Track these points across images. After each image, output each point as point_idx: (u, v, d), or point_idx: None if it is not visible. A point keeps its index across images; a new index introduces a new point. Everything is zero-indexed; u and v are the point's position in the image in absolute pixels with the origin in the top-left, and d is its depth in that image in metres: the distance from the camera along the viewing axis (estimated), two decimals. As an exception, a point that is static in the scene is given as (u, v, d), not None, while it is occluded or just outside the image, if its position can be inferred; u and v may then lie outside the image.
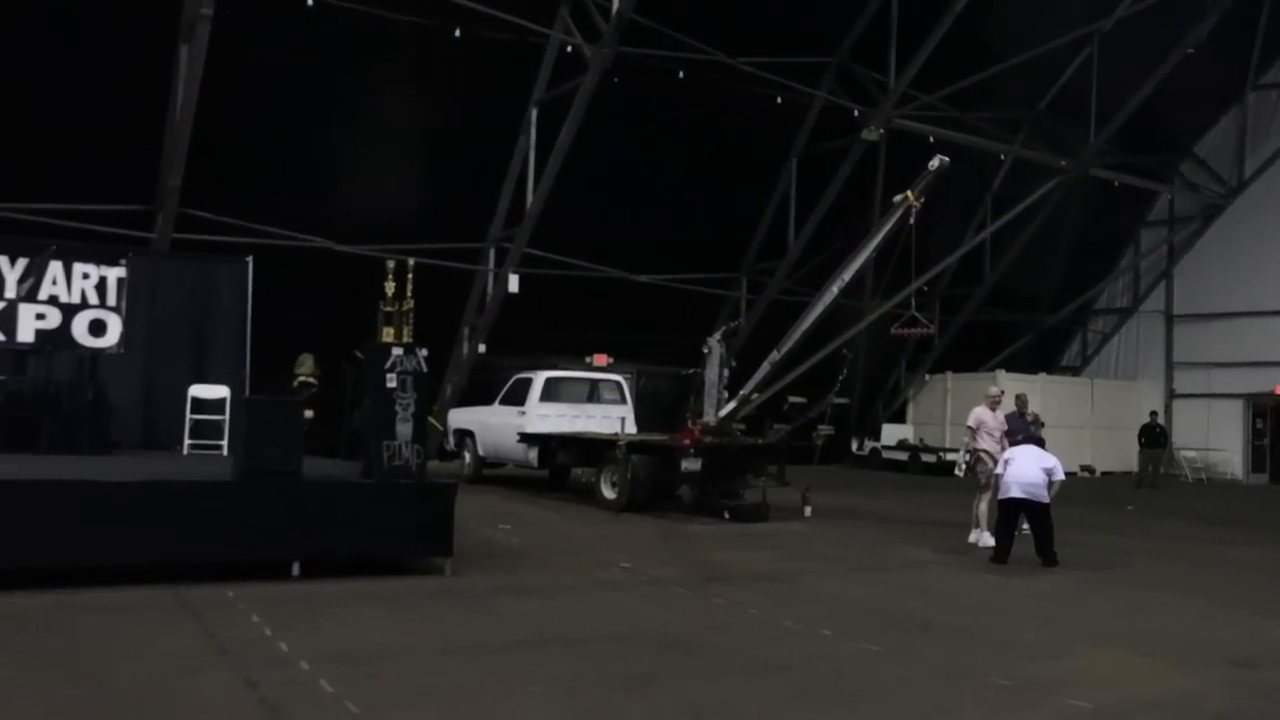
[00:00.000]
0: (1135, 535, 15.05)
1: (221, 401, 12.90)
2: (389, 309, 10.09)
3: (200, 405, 12.92)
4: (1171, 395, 30.41)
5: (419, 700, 5.81)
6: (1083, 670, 7.00)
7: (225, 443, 12.37)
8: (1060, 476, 11.54)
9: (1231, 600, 9.89)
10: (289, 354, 15.37)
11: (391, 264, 10.26)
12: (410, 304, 10.14)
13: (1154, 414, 26.81)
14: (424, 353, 9.69)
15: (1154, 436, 25.63)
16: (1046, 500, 11.42)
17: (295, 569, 8.83)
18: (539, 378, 18.00)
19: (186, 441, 12.72)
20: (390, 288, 10.18)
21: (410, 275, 10.27)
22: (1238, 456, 29.12)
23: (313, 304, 17.03)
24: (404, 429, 9.47)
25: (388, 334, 9.92)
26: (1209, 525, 17.02)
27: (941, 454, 25.80)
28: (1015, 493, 11.40)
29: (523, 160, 20.19)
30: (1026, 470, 11.43)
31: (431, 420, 16.28)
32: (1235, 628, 8.57)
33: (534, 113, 20.00)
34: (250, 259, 14.48)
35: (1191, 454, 28.99)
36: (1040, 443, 12.29)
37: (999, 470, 11.80)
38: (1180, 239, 30.63)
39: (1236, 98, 28.58)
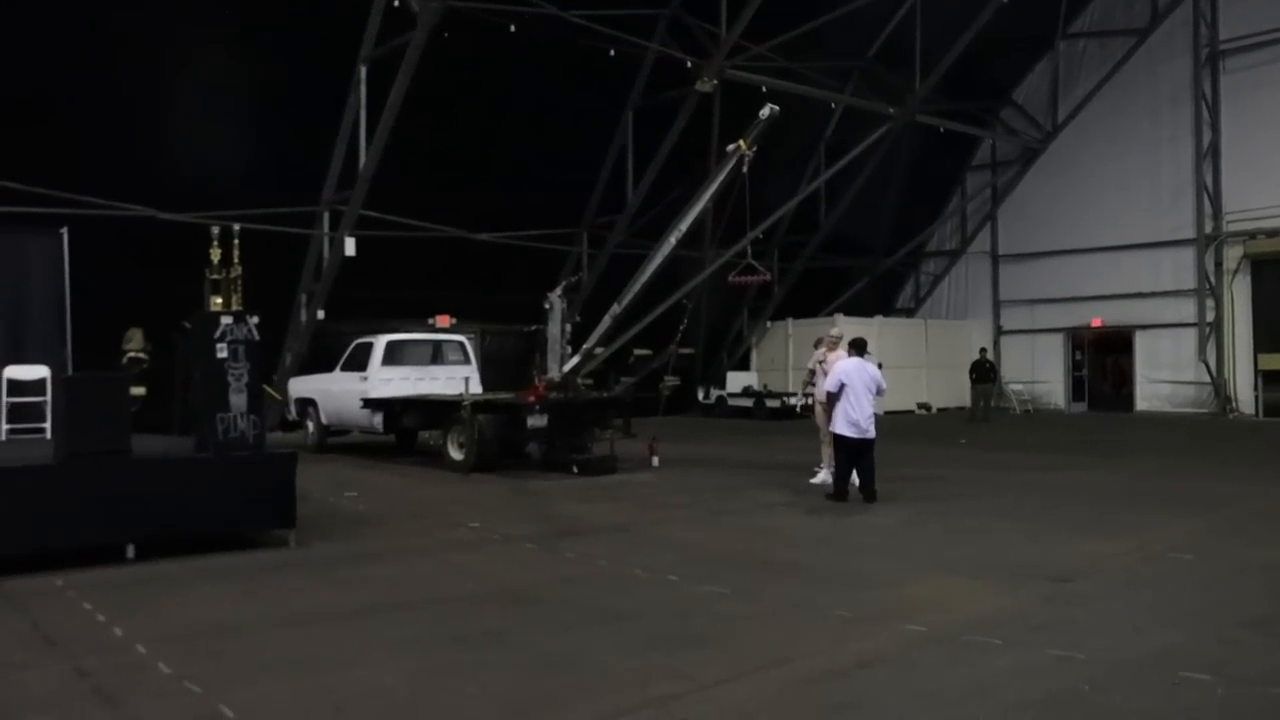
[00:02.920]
0: (968, 467, 15.76)
1: (41, 382, 12.22)
2: (216, 277, 9.78)
3: (18, 388, 12.23)
4: (999, 332, 31.91)
5: (264, 674, 5.68)
6: (917, 597, 7.32)
7: (48, 425, 11.77)
8: (885, 386, 12.30)
9: (1052, 522, 10.48)
10: (116, 329, 14.74)
11: (216, 230, 9.91)
12: (238, 271, 9.84)
13: (983, 350, 28.12)
14: (255, 320, 9.38)
15: (984, 372, 26.89)
16: (873, 435, 11.97)
17: (130, 551, 8.50)
18: (380, 342, 17.71)
19: (4, 426, 12.05)
20: (216, 255, 9.84)
21: (237, 241, 9.95)
22: (1060, 387, 30.83)
23: (139, 276, 16.35)
24: (238, 400, 9.18)
25: (216, 303, 9.60)
26: (1035, 454, 17.94)
27: (785, 399, 26.46)
28: (853, 433, 11.84)
29: (354, 120, 19.65)
30: (862, 405, 11.87)
31: (269, 390, 15.83)
32: (1054, 547, 9.09)
33: (363, 70, 19.46)
34: (65, 230, 13.70)
35: (1019, 387, 30.50)
36: None
37: (830, 387, 12.19)
38: (1002, 182, 32.02)
39: (1049, 46, 29.87)
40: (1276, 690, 5.18)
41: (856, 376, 12.00)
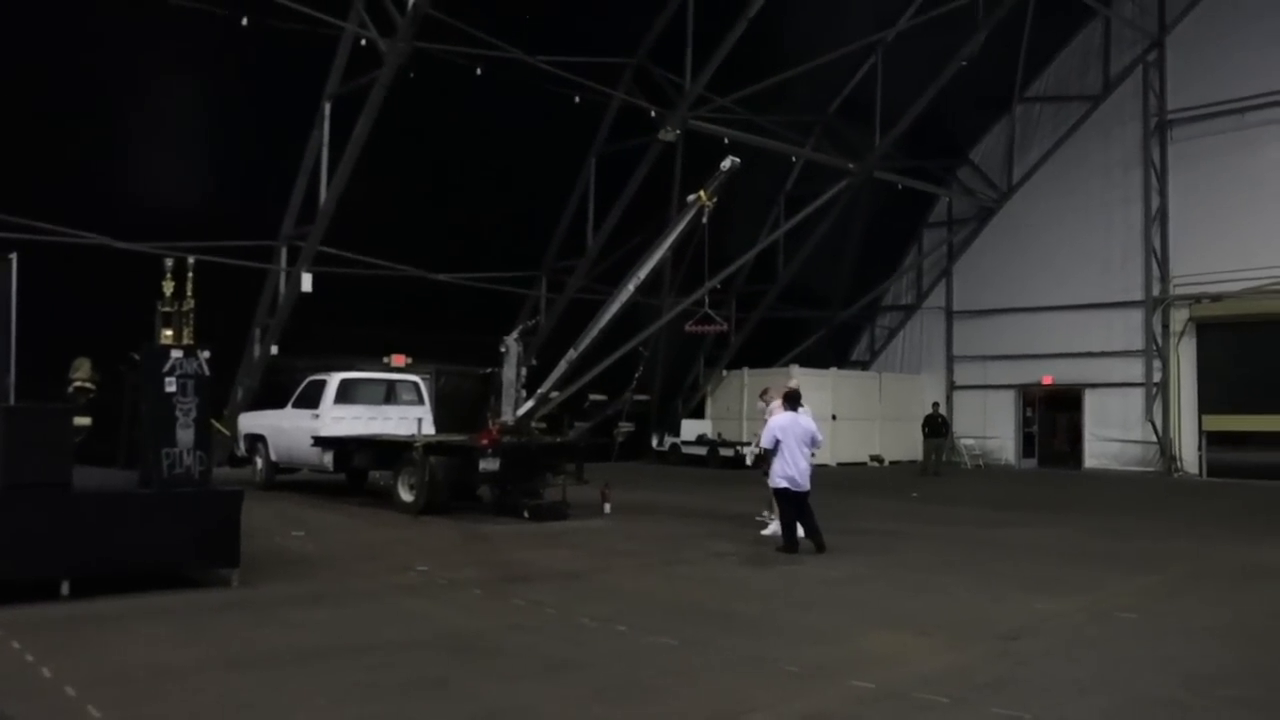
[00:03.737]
0: (919, 521, 15.81)
1: (-19, 411, 11.95)
2: (167, 309, 9.62)
3: (-43, 416, 11.93)
4: (952, 387, 32.19)
5: (200, 719, 5.54)
6: (866, 652, 7.30)
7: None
8: (821, 439, 12.42)
9: (1002, 578, 10.53)
10: (64, 358, 14.45)
11: (170, 262, 9.78)
12: (191, 304, 9.70)
13: (936, 405, 28.36)
14: (206, 355, 9.24)
15: (936, 426, 27.10)
16: (809, 488, 12.11)
17: (65, 588, 8.27)
18: (333, 379, 17.54)
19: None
20: (169, 287, 9.70)
21: (190, 274, 9.82)
22: (1011, 443, 31.11)
23: (90, 305, 16.08)
24: (185, 435, 9.02)
25: (166, 336, 9.45)
26: (985, 509, 18.06)
27: (739, 448, 26.45)
28: (790, 486, 11.99)
29: (316, 156, 19.58)
30: (796, 460, 11.94)
31: (217, 425, 15.60)
32: (1004, 603, 9.12)
33: (327, 107, 19.41)
34: (14, 256, 13.45)
35: (970, 442, 30.73)
36: None
37: (765, 444, 12.25)
38: (958, 239, 32.46)
39: (1006, 108, 30.47)
40: (1219, 755, 5.21)
41: (790, 432, 12.08)
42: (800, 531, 12.06)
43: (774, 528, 13.14)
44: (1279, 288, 25.36)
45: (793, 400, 12.51)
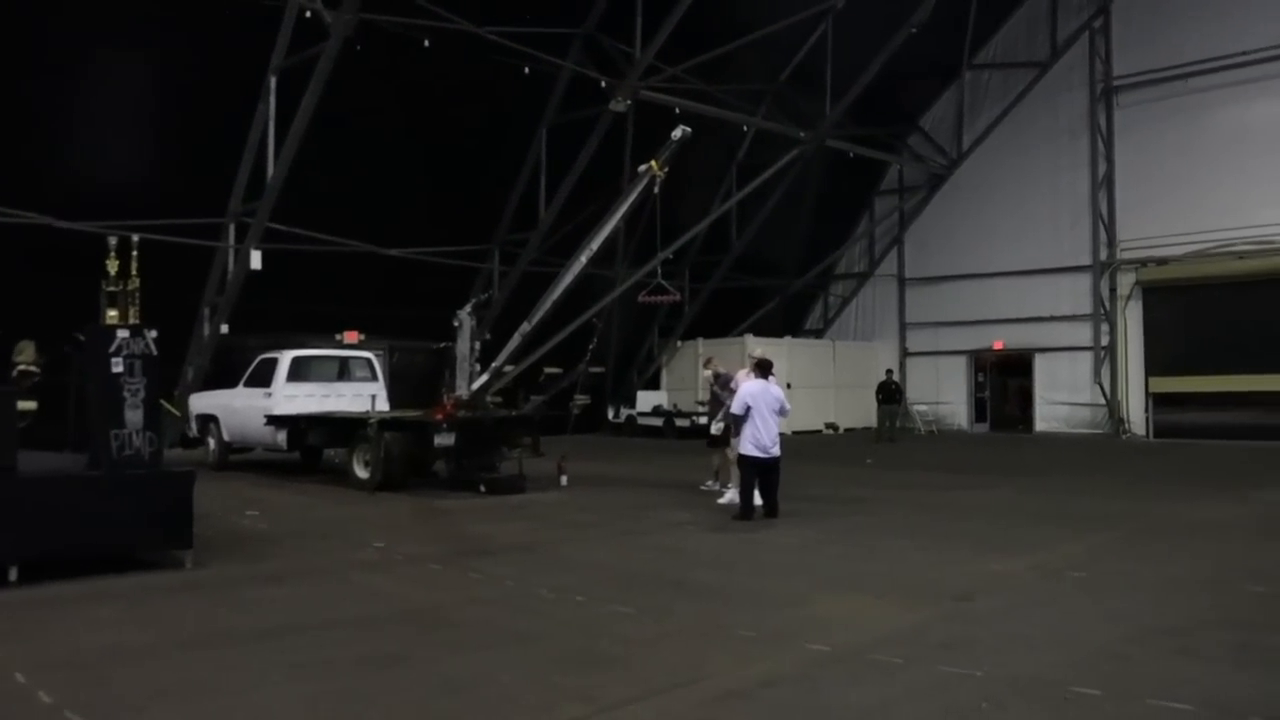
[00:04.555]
0: (874, 487, 15.98)
1: (-78, 395, 11.71)
2: (113, 289, 9.49)
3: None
4: (905, 354, 32.48)
5: (154, 701, 5.49)
6: (822, 616, 7.39)
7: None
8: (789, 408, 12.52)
9: (955, 541, 10.68)
10: (7, 341, 14.20)
11: (114, 241, 9.64)
12: (136, 283, 9.57)
13: (889, 372, 28.63)
14: (153, 334, 9.10)
15: (890, 393, 27.36)
16: (779, 455, 12.16)
17: (13, 574, 8.14)
18: (285, 357, 17.38)
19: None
20: (114, 266, 9.56)
21: (135, 252, 9.68)
22: (963, 408, 31.49)
23: (33, 285, 15.83)
24: (133, 416, 8.90)
25: (112, 316, 9.32)
26: (939, 473, 18.28)
27: (695, 418, 26.59)
28: (759, 454, 11.99)
29: (262, 130, 19.29)
30: (768, 428, 12.00)
31: (167, 406, 15.42)
32: (957, 565, 9.25)
33: (273, 80, 19.11)
34: (-48, 237, 13.23)
35: (923, 408, 31.05)
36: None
37: (736, 410, 12.30)
38: (909, 207, 32.66)
39: (955, 76, 30.63)
40: (1159, 703, 5.33)
41: (761, 399, 12.13)
42: (757, 499, 12.15)
43: (731, 495, 13.22)
44: (1222, 251, 25.81)
45: (764, 369, 12.57)
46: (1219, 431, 25.10)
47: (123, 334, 8.97)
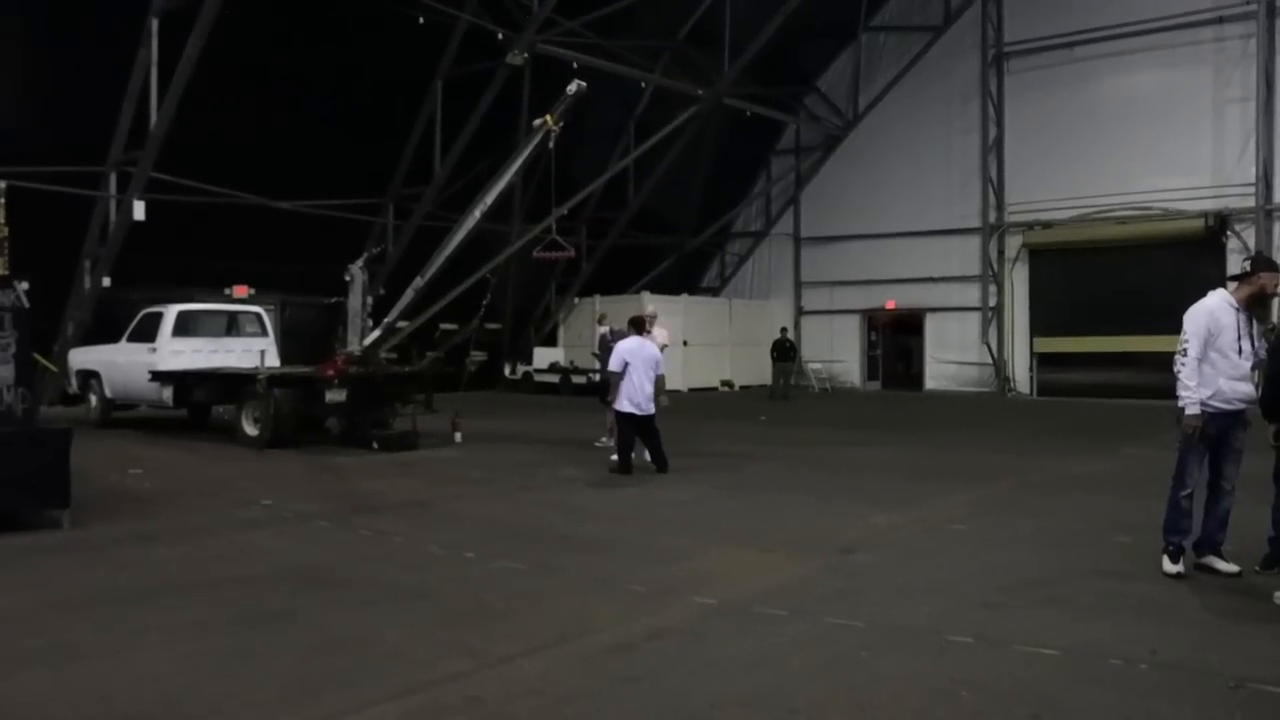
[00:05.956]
0: (767, 444, 16.22)
1: None
2: (-21, 239, 9.07)
3: None
4: (800, 312, 32.94)
5: (25, 664, 5.33)
6: (710, 570, 7.48)
7: None
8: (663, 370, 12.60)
9: (843, 496, 10.91)
10: None
11: (-20, 188, 9.21)
12: (5, 233, 9.17)
13: (784, 330, 29.00)
14: (24, 286, 8.79)
15: (784, 351, 27.72)
16: (654, 411, 12.26)
17: (-125, 533, 7.84)
18: (170, 311, 16.89)
19: None
20: (-20, 215, 9.14)
21: (3, 201, 9.26)
22: (856, 367, 32.11)
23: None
24: (5, 372, 8.59)
25: (-22, 266, 8.92)
26: (831, 430, 18.64)
27: (591, 375, 26.59)
28: (635, 411, 12.12)
29: (144, 76, 18.57)
30: (643, 385, 12.10)
31: (42, 360, 14.86)
32: (844, 519, 9.45)
33: (155, 23, 18.38)
34: None
35: (817, 366, 31.57)
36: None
37: (614, 367, 12.36)
38: (805, 167, 32.98)
39: (852, 37, 30.90)
40: (1027, 649, 5.54)
41: (638, 355, 12.20)
42: (646, 455, 12.24)
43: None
44: (1104, 216, 26.65)
45: (638, 326, 12.59)
46: (1099, 390, 26.02)
47: (-10, 286, 8.62)
